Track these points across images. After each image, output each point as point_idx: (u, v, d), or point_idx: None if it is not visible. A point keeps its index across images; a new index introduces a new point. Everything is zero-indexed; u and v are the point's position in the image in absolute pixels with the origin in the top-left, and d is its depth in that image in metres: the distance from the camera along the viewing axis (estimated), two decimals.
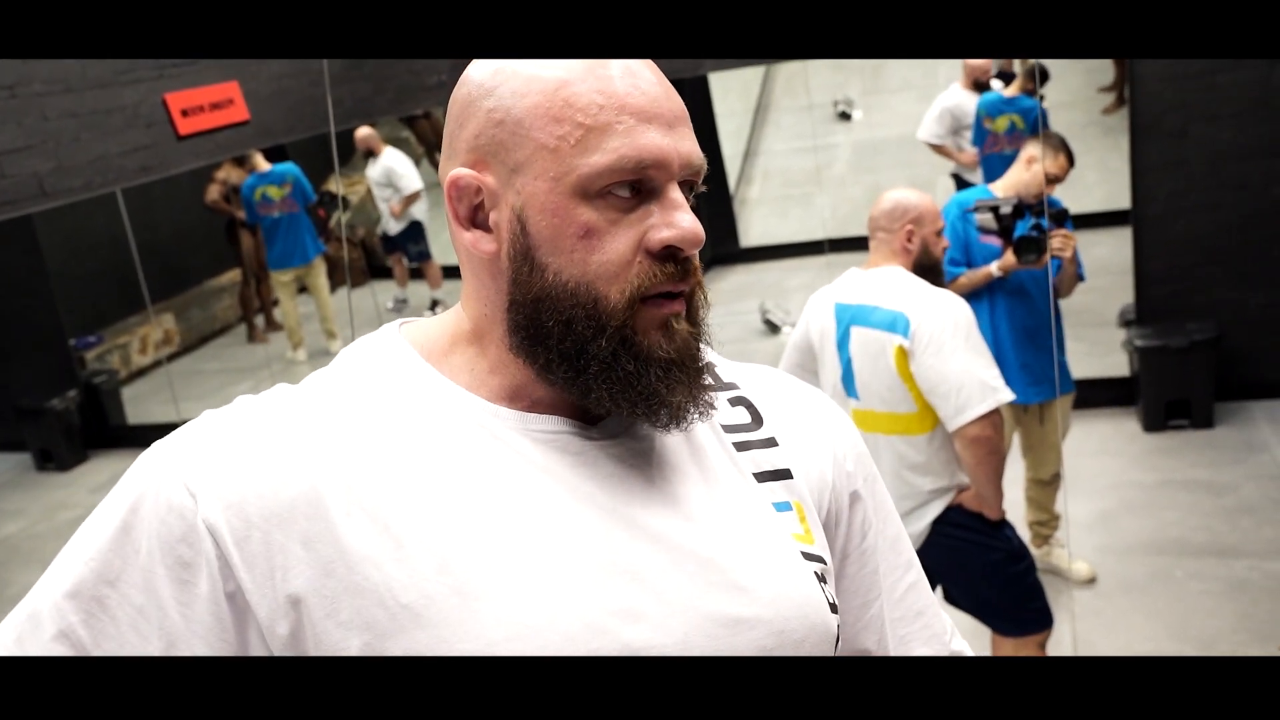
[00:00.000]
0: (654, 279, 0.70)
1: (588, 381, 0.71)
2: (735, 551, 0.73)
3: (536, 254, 0.70)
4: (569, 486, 0.71)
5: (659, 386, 0.70)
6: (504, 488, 0.70)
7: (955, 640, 0.92)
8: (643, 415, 0.71)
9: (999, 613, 2.46)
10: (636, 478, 0.73)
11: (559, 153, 0.69)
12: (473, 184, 0.72)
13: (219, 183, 5.30)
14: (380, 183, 6.07)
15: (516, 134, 0.70)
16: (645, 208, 0.70)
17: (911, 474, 2.34)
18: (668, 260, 0.70)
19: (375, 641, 0.65)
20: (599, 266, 0.69)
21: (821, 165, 6.82)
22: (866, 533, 0.86)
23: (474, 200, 0.73)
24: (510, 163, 0.71)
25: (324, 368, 0.77)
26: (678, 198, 0.71)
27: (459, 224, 0.73)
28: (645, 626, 0.68)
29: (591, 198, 0.69)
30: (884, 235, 2.39)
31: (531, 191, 0.70)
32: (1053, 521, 3.48)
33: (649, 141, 0.69)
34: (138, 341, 5.04)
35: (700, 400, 0.73)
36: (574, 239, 0.69)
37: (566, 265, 0.70)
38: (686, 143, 0.71)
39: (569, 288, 0.70)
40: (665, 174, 0.70)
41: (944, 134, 5.20)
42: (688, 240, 0.70)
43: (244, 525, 0.66)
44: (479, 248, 0.73)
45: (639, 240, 0.70)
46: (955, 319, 2.24)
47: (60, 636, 0.66)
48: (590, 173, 0.68)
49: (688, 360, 0.72)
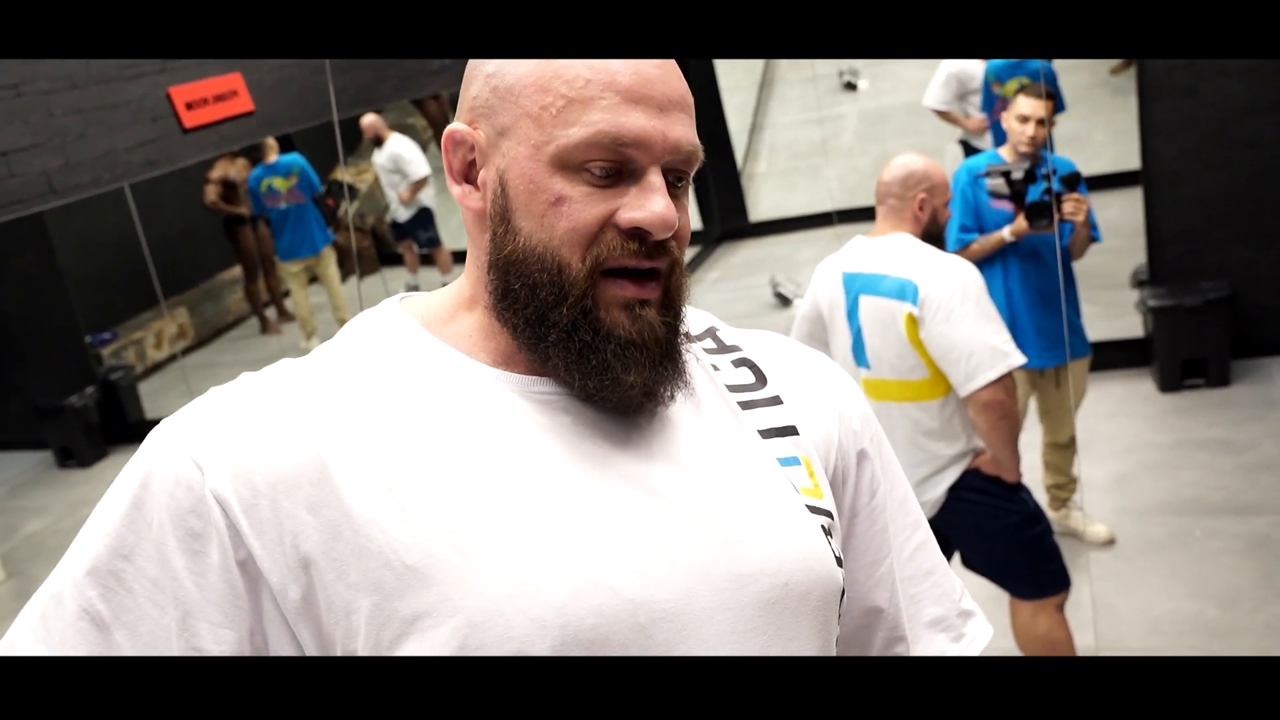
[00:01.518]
0: (616, 251, 0.71)
1: (547, 349, 0.72)
2: (739, 506, 0.74)
3: (512, 217, 0.72)
4: (570, 445, 0.72)
5: (614, 362, 0.71)
6: (505, 448, 0.71)
7: (965, 600, 0.92)
8: (595, 390, 0.72)
9: (1017, 575, 2.46)
10: (638, 435, 0.74)
11: (540, 121, 0.70)
12: (467, 139, 0.74)
13: (215, 182, 5.32)
14: (388, 169, 6.08)
15: (506, 99, 0.72)
16: (622, 187, 0.71)
17: (927, 440, 2.34)
18: (634, 239, 0.71)
19: (383, 602, 0.66)
20: (565, 233, 0.70)
21: (828, 136, 6.79)
22: (875, 491, 0.87)
23: (467, 156, 0.75)
24: (498, 126, 0.73)
25: (326, 341, 0.79)
26: (656, 181, 0.71)
27: (452, 177, 0.76)
28: (648, 582, 0.68)
29: (568, 170, 0.70)
30: (895, 202, 2.37)
31: (514, 156, 0.72)
32: (1070, 484, 3.47)
33: (631, 121, 0.69)
34: (152, 337, 5.07)
35: (664, 387, 0.73)
36: (546, 205, 0.71)
37: (536, 230, 0.71)
38: (677, 128, 0.71)
39: (536, 252, 0.71)
40: (646, 156, 0.70)
41: (950, 100, 5.16)
42: (655, 224, 0.70)
43: (251, 494, 0.67)
44: (466, 203, 0.75)
45: (609, 214, 0.71)
46: (964, 284, 2.23)
47: (81, 613, 0.68)
48: (567, 144, 0.69)
49: (650, 344, 0.72)
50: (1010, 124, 3.08)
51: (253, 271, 5.69)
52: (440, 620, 0.65)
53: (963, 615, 0.91)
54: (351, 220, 5.83)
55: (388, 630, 0.66)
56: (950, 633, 0.89)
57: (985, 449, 2.35)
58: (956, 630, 0.90)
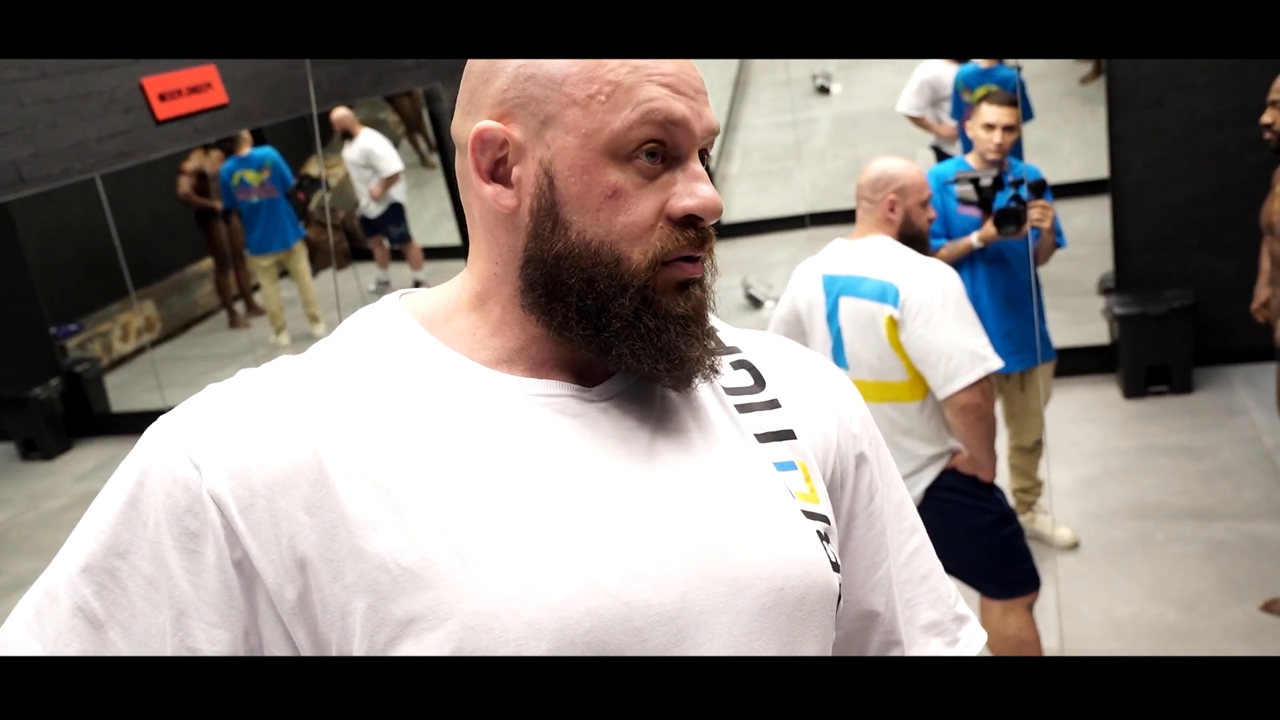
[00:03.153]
0: (675, 244, 0.72)
1: (609, 339, 0.72)
2: (735, 510, 0.74)
3: (561, 210, 0.71)
4: (568, 447, 0.72)
5: (679, 342, 0.73)
6: (502, 450, 0.71)
7: (959, 605, 0.93)
8: (664, 370, 0.73)
9: (989, 575, 2.50)
10: (636, 438, 0.75)
11: (590, 109, 0.70)
12: (499, 136, 0.73)
13: (189, 174, 5.26)
14: (359, 165, 6.03)
15: (548, 88, 0.71)
16: (669, 175, 0.72)
17: (906, 440, 2.37)
18: (688, 227, 0.73)
19: (379, 604, 0.66)
20: (624, 228, 0.71)
21: (801, 139, 6.82)
22: (874, 495, 0.87)
23: (497, 154, 0.73)
24: (541, 115, 0.71)
25: (325, 338, 0.78)
26: (699, 169, 0.73)
27: (480, 177, 0.74)
28: (644, 585, 0.69)
29: (620, 160, 0.71)
30: (868, 204, 2.40)
31: (561, 146, 0.71)
32: (1036, 488, 3.52)
33: (677, 103, 0.71)
34: (119, 329, 5.01)
35: (711, 358, 0.76)
36: (601, 198, 0.71)
37: (591, 224, 0.71)
38: (708, 112, 0.74)
39: (592, 246, 0.71)
40: (689, 138, 0.72)
41: (923, 106, 5.21)
42: (708, 210, 0.72)
43: (248, 494, 0.67)
44: (500, 202, 0.73)
45: (662, 205, 0.72)
46: (945, 288, 2.26)
47: (76, 611, 0.67)
48: (621, 128, 0.70)
49: (702, 319, 0.75)
50: (976, 132, 3.12)
51: (224, 264, 5.63)
52: (435, 623, 0.65)
53: (957, 620, 0.92)
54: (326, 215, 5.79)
55: (382, 632, 0.66)
56: (945, 637, 0.90)
57: (962, 449, 2.38)
58: (951, 635, 0.91)
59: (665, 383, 0.75)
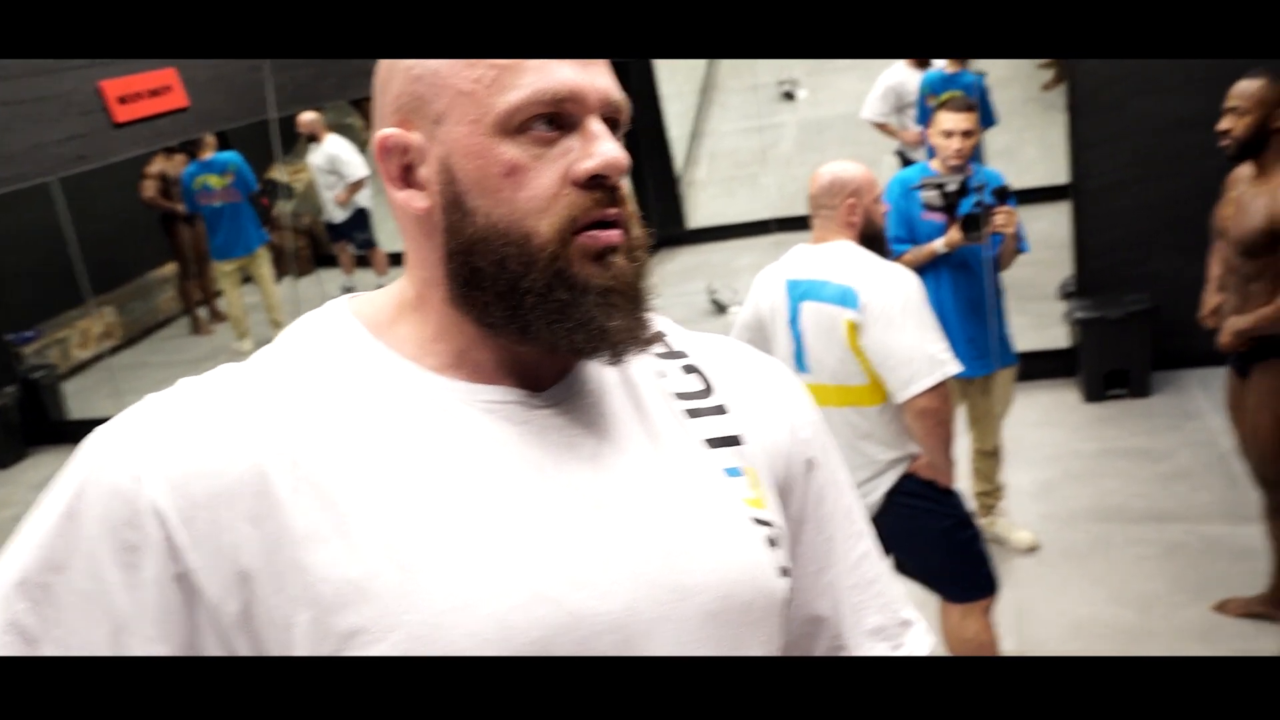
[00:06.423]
0: (582, 208, 0.71)
1: (525, 316, 0.71)
2: (681, 517, 0.74)
3: (465, 199, 0.71)
4: (515, 455, 0.72)
5: (596, 313, 0.71)
6: (449, 459, 0.70)
7: (906, 609, 0.93)
8: (583, 344, 0.72)
9: (948, 579, 2.52)
10: (583, 445, 0.74)
11: (475, 95, 0.70)
12: (400, 142, 0.73)
13: (153, 178, 5.20)
14: (324, 170, 5.99)
15: (434, 85, 0.71)
16: (566, 142, 0.71)
17: (866, 444, 2.38)
18: (595, 189, 0.71)
19: (322, 616, 0.65)
20: (526, 202, 0.70)
21: (767, 145, 6.86)
22: (823, 499, 0.87)
23: (403, 159, 0.73)
24: (431, 115, 0.71)
25: (269, 345, 0.77)
26: (598, 129, 0.71)
27: (391, 183, 0.74)
28: (590, 594, 0.68)
29: (512, 134, 0.70)
30: (827, 212, 2.42)
31: (454, 137, 0.71)
32: (997, 492, 3.55)
33: (562, 75, 0.70)
34: (77, 335, 4.95)
35: (642, 331, 0.74)
36: (499, 178, 0.70)
37: (495, 205, 0.70)
38: (603, 79, 0.72)
39: (499, 228, 0.70)
40: (582, 107, 0.71)
41: (888, 112, 5.25)
42: (611, 166, 0.71)
43: (190, 505, 0.66)
44: (412, 205, 0.73)
45: (564, 173, 0.71)
46: (905, 293, 2.28)
47: (10, 627, 0.66)
48: (507, 109, 0.69)
49: (625, 288, 0.72)
50: (936, 140, 3.15)
51: (187, 270, 5.57)
52: (379, 635, 0.65)
53: (903, 625, 0.91)
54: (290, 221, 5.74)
55: (325, 645, 0.65)
56: (890, 642, 0.90)
57: (922, 454, 2.40)
58: (896, 639, 0.90)
59: (591, 357, 0.73)
